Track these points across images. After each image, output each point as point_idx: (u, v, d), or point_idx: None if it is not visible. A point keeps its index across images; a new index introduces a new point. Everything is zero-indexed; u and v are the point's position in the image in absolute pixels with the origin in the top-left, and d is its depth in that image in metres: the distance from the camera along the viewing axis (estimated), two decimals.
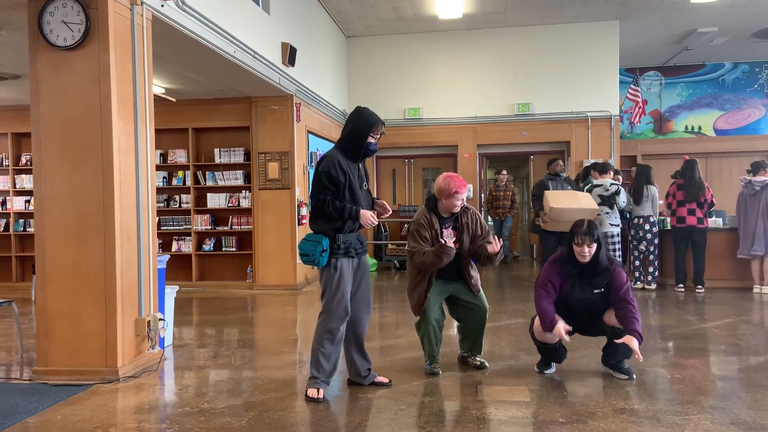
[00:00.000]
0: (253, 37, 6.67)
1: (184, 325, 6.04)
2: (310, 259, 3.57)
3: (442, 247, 3.85)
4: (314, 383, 3.66)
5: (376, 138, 3.68)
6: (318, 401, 3.58)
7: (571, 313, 3.96)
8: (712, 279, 7.81)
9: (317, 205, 3.57)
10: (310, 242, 3.59)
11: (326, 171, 3.54)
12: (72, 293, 4.16)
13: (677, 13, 9.90)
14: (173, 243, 8.87)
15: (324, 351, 3.64)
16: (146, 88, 4.52)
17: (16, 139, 9.11)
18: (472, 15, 10.13)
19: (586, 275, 3.93)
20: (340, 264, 3.60)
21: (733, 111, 12.86)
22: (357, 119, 3.67)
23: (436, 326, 4.15)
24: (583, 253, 3.84)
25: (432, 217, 4.10)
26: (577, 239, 3.85)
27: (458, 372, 4.20)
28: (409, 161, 11.64)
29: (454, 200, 4.03)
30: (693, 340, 5.05)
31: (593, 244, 3.84)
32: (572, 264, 3.92)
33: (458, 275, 4.16)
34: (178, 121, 8.68)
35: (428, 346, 4.18)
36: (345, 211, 3.54)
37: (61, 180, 4.17)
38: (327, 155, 3.63)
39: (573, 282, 3.95)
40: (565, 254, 3.95)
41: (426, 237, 4.05)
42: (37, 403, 3.66)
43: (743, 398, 3.58)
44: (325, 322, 3.64)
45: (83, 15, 4.08)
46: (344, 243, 3.61)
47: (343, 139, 3.70)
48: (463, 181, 4.08)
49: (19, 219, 9.10)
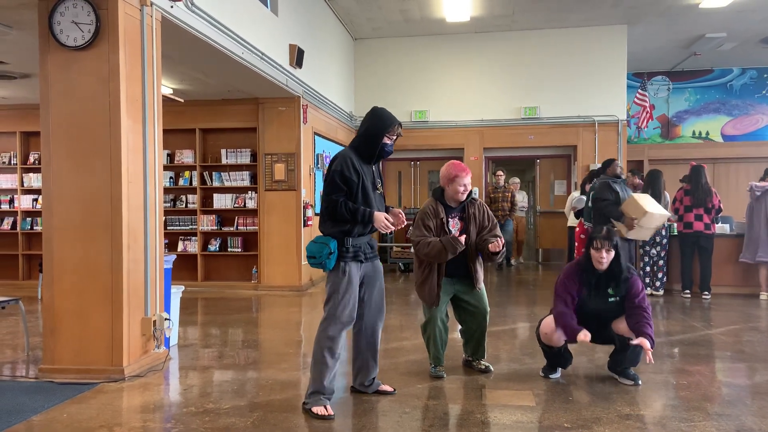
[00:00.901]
0: (261, 38, 6.69)
1: (190, 325, 6.06)
2: (317, 262, 3.42)
3: (454, 239, 3.81)
4: (318, 400, 3.43)
5: (392, 139, 3.55)
6: (329, 418, 3.34)
7: (582, 319, 3.94)
8: (719, 285, 7.77)
9: (329, 205, 3.41)
10: (318, 244, 3.44)
11: (339, 170, 3.41)
12: (79, 292, 4.18)
13: (686, 18, 9.88)
14: (179, 243, 8.90)
15: (327, 364, 3.45)
16: (155, 89, 4.54)
17: (25, 138, 9.17)
18: (480, 18, 10.13)
19: (602, 283, 3.91)
20: (348, 268, 3.45)
21: (741, 117, 12.80)
22: (373, 119, 3.54)
23: (442, 327, 4.15)
24: (600, 259, 3.81)
25: (438, 206, 4.08)
26: (596, 243, 3.82)
27: (463, 376, 4.19)
28: (415, 164, 11.64)
29: (456, 186, 4.01)
30: (699, 347, 5.02)
31: (611, 251, 3.81)
32: (590, 271, 3.90)
33: (464, 270, 4.11)
34: (186, 121, 8.71)
35: (434, 347, 4.17)
36: (358, 213, 3.39)
37: (69, 179, 4.20)
38: (340, 154, 3.51)
39: (589, 289, 3.92)
40: (584, 261, 3.92)
41: (430, 226, 4.02)
42: (43, 401, 3.68)
43: (749, 405, 3.56)
44: (327, 329, 3.47)
45: (93, 15, 4.10)
46: (353, 246, 3.47)
47: (357, 139, 3.57)
48: (465, 167, 4.08)
49: (26, 217, 9.15)
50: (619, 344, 3.95)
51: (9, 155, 9.20)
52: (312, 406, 3.43)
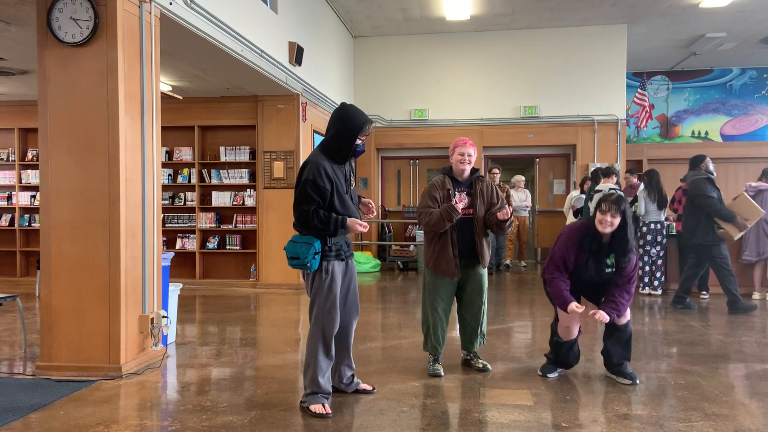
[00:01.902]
0: (261, 35, 6.68)
1: (187, 323, 6.05)
2: (301, 263, 3.32)
3: (450, 207, 3.88)
4: (315, 398, 3.41)
5: (363, 139, 3.47)
6: (327, 416, 3.33)
7: (574, 289, 3.93)
8: (717, 285, 7.76)
9: (301, 215, 3.32)
10: (301, 244, 3.33)
11: (311, 179, 3.29)
12: (76, 289, 4.17)
13: (686, 18, 9.87)
14: (177, 240, 8.89)
15: (321, 367, 3.43)
16: (153, 86, 4.53)
17: (23, 135, 9.15)
18: (480, 17, 10.11)
19: (603, 252, 3.81)
20: (331, 267, 3.41)
21: (740, 117, 12.80)
22: (344, 120, 3.40)
23: (443, 317, 4.16)
24: (605, 221, 3.70)
25: (446, 179, 4.15)
26: (604, 206, 3.72)
27: (460, 374, 4.19)
28: (414, 162, 11.63)
29: (456, 155, 4.09)
30: (697, 346, 5.02)
31: (617, 216, 3.70)
32: (593, 237, 3.80)
33: (471, 246, 4.08)
34: (185, 118, 8.70)
35: (433, 337, 4.17)
36: (330, 222, 3.32)
37: (67, 176, 4.19)
38: (310, 162, 3.36)
39: (588, 256, 3.83)
40: (589, 223, 3.82)
41: (436, 197, 4.08)
42: (40, 398, 3.67)
43: (747, 405, 3.56)
44: (320, 332, 3.43)
45: (92, 12, 4.09)
46: (335, 245, 3.43)
47: (328, 142, 3.43)
48: (467, 139, 4.16)
49: (24, 214, 9.13)
50: (606, 332, 3.95)
51: (7, 152, 9.18)
52: (310, 405, 3.41)
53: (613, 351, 3.99)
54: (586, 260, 3.85)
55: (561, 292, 3.81)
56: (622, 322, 3.92)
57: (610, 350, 4.01)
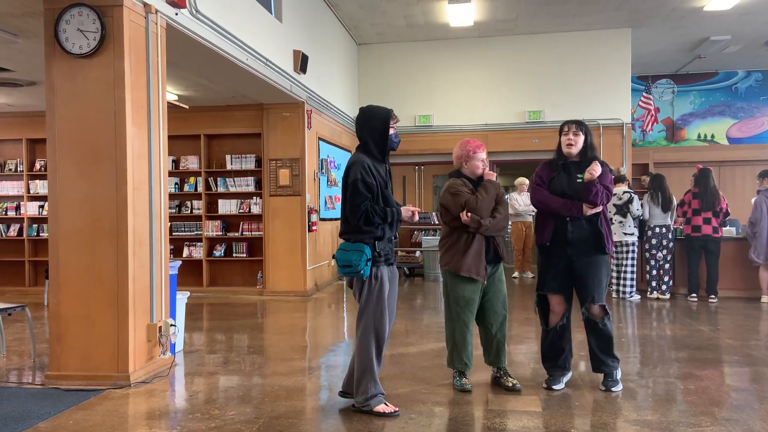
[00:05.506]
0: (266, 44, 6.71)
1: (195, 331, 6.06)
2: (354, 270, 3.37)
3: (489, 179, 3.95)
4: (377, 400, 3.49)
5: (394, 128, 3.59)
6: (394, 415, 3.44)
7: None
8: (725, 288, 7.73)
9: (359, 213, 3.38)
10: (352, 252, 3.38)
11: (360, 178, 3.38)
12: (85, 298, 4.19)
13: (690, 21, 9.86)
14: (184, 248, 8.92)
15: (376, 371, 3.50)
16: (160, 95, 4.56)
17: (31, 145, 9.22)
18: (484, 23, 10.14)
19: (572, 171, 3.93)
20: (381, 273, 3.47)
21: (746, 119, 12.76)
22: (370, 117, 3.55)
23: (471, 327, 3.98)
24: (569, 141, 3.89)
25: (463, 180, 4.05)
26: (566, 127, 3.93)
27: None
28: (419, 168, 11.64)
29: (475, 161, 4.01)
30: (706, 351, 4.99)
31: (579, 134, 3.89)
32: (559, 156, 3.99)
33: (490, 249, 3.99)
34: (191, 127, 8.74)
35: (463, 351, 3.96)
36: (388, 215, 3.42)
37: (75, 185, 4.21)
38: (354, 162, 3.47)
39: (558, 173, 3.97)
40: (556, 150, 4.03)
41: (465, 192, 3.96)
42: (50, 407, 3.68)
43: (757, 410, 3.54)
44: (373, 337, 3.47)
45: (99, 23, 4.13)
46: (383, 250, 3.49)
47: (365, 141, 3.55)
48: (479, 143, 4.07)
49: (32, 224, 9.18)
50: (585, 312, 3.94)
51: (15, 162, 9.25)
52: (374, 407, 3.47)
53: (596, 345, 3.92)
54: (557, 176, 3.98)
55: (546, 195, 3.94)
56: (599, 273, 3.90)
57: (590, 342, 3.96)
